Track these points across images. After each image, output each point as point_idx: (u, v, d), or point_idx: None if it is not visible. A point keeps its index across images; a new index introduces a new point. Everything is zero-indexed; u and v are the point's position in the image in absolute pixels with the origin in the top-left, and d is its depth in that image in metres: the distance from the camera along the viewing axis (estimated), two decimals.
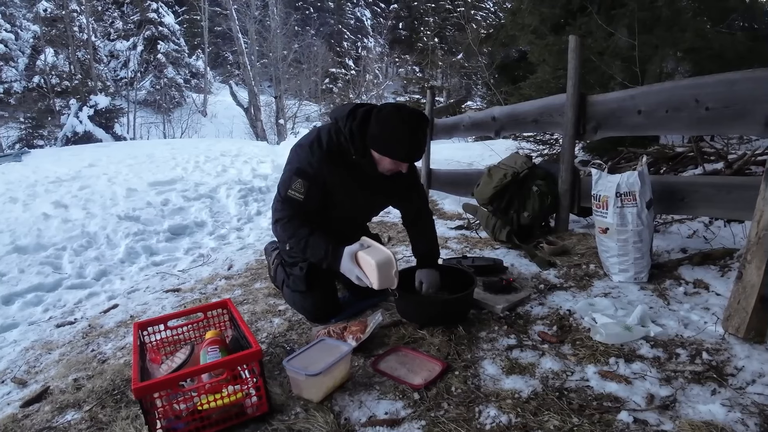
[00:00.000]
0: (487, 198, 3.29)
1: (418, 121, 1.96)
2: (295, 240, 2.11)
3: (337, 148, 2.07)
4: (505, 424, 1.46)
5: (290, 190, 2.08)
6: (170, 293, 3.00)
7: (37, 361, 2.28)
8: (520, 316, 2.19)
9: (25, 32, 23.86)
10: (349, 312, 2.33)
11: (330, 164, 2.07)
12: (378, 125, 1.95)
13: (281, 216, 2.14)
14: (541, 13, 5.36)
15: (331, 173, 2.08)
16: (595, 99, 3.09)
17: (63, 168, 8.07)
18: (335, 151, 2.07)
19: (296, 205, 2.09)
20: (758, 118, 2.11)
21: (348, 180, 2.12)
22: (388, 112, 1.96)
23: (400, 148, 1.97)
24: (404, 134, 1.94)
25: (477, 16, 27.90)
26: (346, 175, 2.11)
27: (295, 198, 2.08)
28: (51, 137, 20.74)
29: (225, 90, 28.00)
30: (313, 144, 2.09)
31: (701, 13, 4.74)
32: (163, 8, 27.74)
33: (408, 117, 1.95)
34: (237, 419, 1.55)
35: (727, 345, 1.77)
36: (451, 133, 5.31)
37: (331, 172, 2.08)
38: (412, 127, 1.94)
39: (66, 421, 1.71)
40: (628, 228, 2.37)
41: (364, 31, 37.74)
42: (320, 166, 2.06)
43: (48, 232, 4.52)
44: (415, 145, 1.98)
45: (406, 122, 1.93)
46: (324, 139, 2.09)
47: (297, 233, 2.10)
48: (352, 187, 2.14)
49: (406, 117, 1.94)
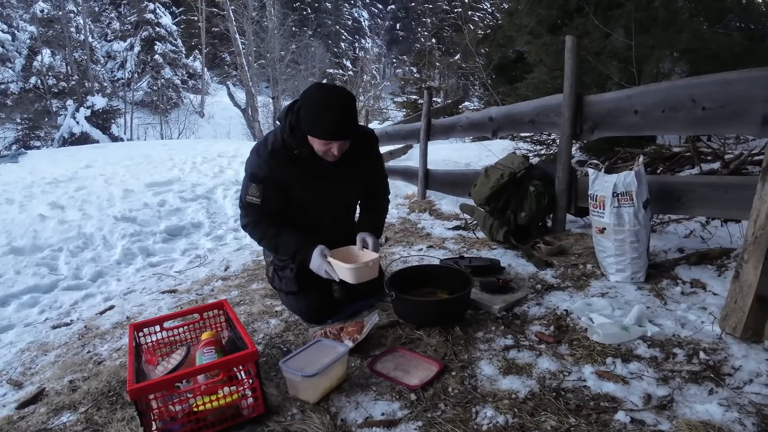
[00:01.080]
0: (485, 198, 3.29)
1: (338, 96, 1.93)
2: (266, 241, 2.19)
3: (281, 145, 2.08)
4: (502, 425, 1.46)
5: (248, 195, 2.13)
6: (167, 294, 2.99)
7: (33, 363, 2.27)
8: (517, 316, 2.19)
9: (21, 33, 23.81)
10: (346, 313, 2.32)
11: (277, 162, 2.08)
12: (302, 108, 1.96)
13: (246, 222, 2.19)
14: (538, 13, 5.36)
15: (280, 171, 2.09)
16: (592, 99, 3.09)
17: (59, 169, 8.05)
18: (279, 148, 2.08)
19: (257, 209, 2.14)
20: (755, 118, 2.11)
21: (300, 174, 2.12)
22: (308, 93, 1.97)
23: (322, 126, 1.93)
24: (324, 110, 1.91)
25: (474, 17, 27.93)
26: (296, 170, 2.11)
27: (253, 202, 2.12)
28: (48, 138, 20.70)
29: (222, 91, 27.99)
30: (260, 147, 2.13)
31: (698, 14, 4.75)
32: (160, 9, 27.72)
33: (326, 93, 1.94)
34: (233, 420, 1.55)
35: (724, 344, 1.77)
36: (449, 133, 5.30)
37: (280, 170, 2.09)
38: (332, 102, 1.91)
39: (61, 422, 1.70)
40: (625, 228, 2.37)
41: (361, 31, 37.80)
42: (268, 166, 2.08)
43: (44, 234, 4.51)
44: (335, 120, 1.92)
45: (325, 98, 1.92)
46: (270, 140, 2.12)
47: (266, 234, 2.17)
48: (306, 180, 2.14)
49: (323, 93, 1.94)
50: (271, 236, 2.15)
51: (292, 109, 2.04)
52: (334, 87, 2.00)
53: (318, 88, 1.97)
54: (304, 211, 2.23)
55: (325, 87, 1.99)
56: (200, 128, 25.32)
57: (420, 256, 3.16)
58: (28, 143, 19.84)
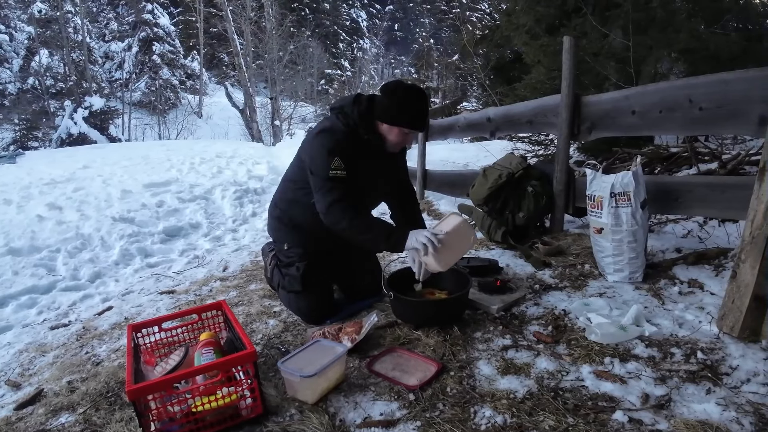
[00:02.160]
0: (483, 199, 3.29)
1: (421, 91, 2.12)
2: (359, 221, 2.07)
3: (349, 130, 2.15)
4: (501, 425, 1.46)
5: (332, 170, 2.05)
6: (165, 295, 2.99)
7: (31, 364, 2.27)
8: (516, 316, 2.19)
9: (19, 33, 23.78)
10: (345, 313, 2.33)
11: (350, 143, 2.14)
12: (386, 97, 2.10)
13: (336, 197, 2.05)
14: (536, 13, 5.36)
15: (352, 151, 2.13)
16: (590, 99, 3.10)
17: (57, 170, 8.02)
18: (348, 133, 2.15)
19: (344, 183, 2.07)
20: (752, 118, 2.11)
21: (364, 159, 2.18)
22: (393, 85, 2.14)
23: (409, 115, 2.10)
24: (411, 101, 2.09)
25: (472, 18, 27.93)
26: (361, 154, 2.17)
27: (338, 176, 2.06)
28: (45, 139, 20.65)
29: (220, 91, 27.93)
30: (327, 130, 2.16)
31: (695, 14, 4.74)
32: (158, 9, 27.69)
33: (411, 87, 2.13)
34: (231, 421, 1.55)
35: (721, 344, 1.77)
36: (447, 134, 5.31)
37: (352, 150, 2.13)
38: (418, 95, 2.10)
39: (60, 423, 1.70)
40: (622, 228, 2.37)
41: (359, 32, 37.79)
42: (344, 143, 2.12)
43: (42, 234, 4.50)
44: (422, 111, 2.12)
45: (412, 91, 2.10)
46: (334, 126, 2.17)
47: (359, 213, 2.09)
48: (368, 165, 2.20)
49: (410, 87, 2.12)
50: (365, 216, 2.13)
51: (359, 101, 2.15)
52: (414, 84, 2.20)
53: (402, 83, 2.15)
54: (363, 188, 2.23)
55: (408, 84, 2.16)
56: (198, 129, 25.29)
57: None
58: (25, 144, 19.78)
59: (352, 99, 2.18)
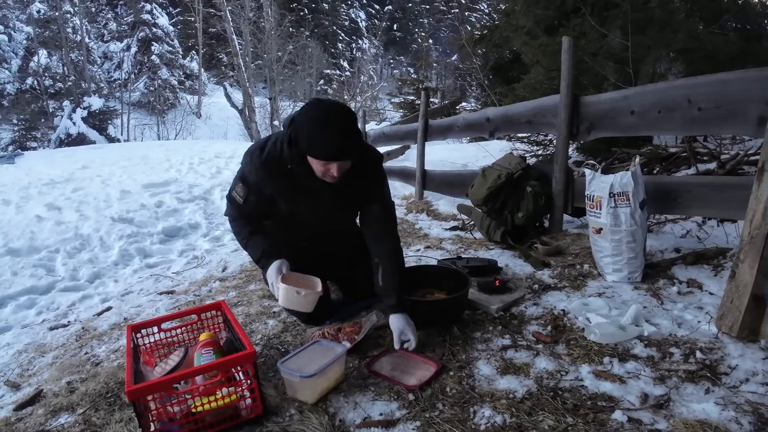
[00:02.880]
0: (482, 199, 3.30)
1: (338, 114, 1.79)
2: (240, 238, 2.17)
3: (277, 155, 1.96)
4: (500, 425, 1.46)
5: (233, 191, 2.12)
6: (164, 295, 2.99)
7: (31, 364, 2.27)
8: (515, 316, 2.19)
9: (18, 34, 23.77)
10: (344, 313, 2.33)
11: (267, 173, 1.99)
12: (299, 125, 1.81)
13: (229, 214, 2.19)
14: (535, 14, 5.36)
15: (269, 183, 2.02)
16: (589, 100, 3.10)
17: (56, 170, 8.02)
18: (273, 159, 1.96)
19: (237, 207, 2.13)
20: (750, 118, 2.11)
21: (290, 189, 2.04)
22: (305, 109, 1.84)
23: (320, 145, 1.79)
24: (323, 129, 1.77)
25: (471, 18, 27.93)
26: (287, 185, 2.01)
27: (236, 200, 2.11)
28: (44, 139, 20.67)
29: (219, 91, 27.97)
30: (255, 151, 2.03)
31: (694, 14, 4.76)
32: (157, 9, 27.71)
33: (325, 110, 1.80)
34: (231, 421, 1.55)
35: (720, 344, 1.78)
36: (446, 134, 5.31)
37: (269, 181, 2.01)
38: (331, 120, 1.77)
39: (59, 424, 1.70)
40: (621, 228, 2.38)
41: (358, 32, 37.79)
42: (257, 175, 2.02)
43: (41, 235, 4.50)
44: (335, 140, 1.78)
45: (324, 116, 1.78)
46: (268, 146, 2.00)
47: (241, 232, 2.16)
48: (296, 196, 2.07)
49: (322, 110, 1.80)
50: (245, 235, 2.14)
51: (292, 123, 1.89)
52: (334, 103, 1.85)
53: (316, 104, 1.83)
54: (296, 222, 2.19)
55: (324, 103, 1.84)
56: (197, 129, 25.31)
57: (418, 257, 3.16)
58: (24, 144, 19.80)
59: (290, 118, 1.91)
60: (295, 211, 2.13)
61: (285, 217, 2.17)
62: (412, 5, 38.58)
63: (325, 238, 2.28)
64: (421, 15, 37.94)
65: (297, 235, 2.23)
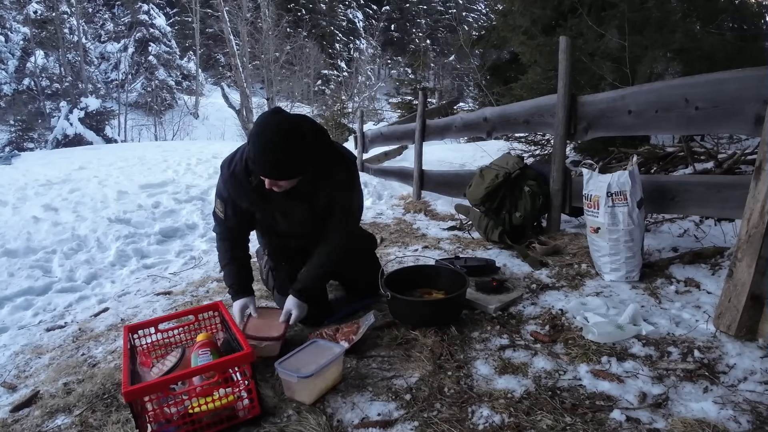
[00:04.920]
0: (479, 199, 3.30)
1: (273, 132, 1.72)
2: (220, 262, 2.20)
3: (243, 167, 1.95)
4: (498, 424, 1.46)
5: (216, 207, 2.13)
6: (161, 296, 2.98)
7: (27, 366, 2.26)
8: (513, 316, 2.19)
9: (15, 34, 23.69)
10: (342, 313, 2.32)
11: (235, 187, 2.01)
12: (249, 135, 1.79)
13: (216, 231, 2.20)
14: (533, 14, 5.37)
15: (239, 196, 2.03)
16: (586, 99, 3.10)
17: (53, 171, 7.99)
18: (240, 171, 1.97)
19: (221, 222, 2.14)
20: (747, 117, 2.12)
21: (260, 201, 2.03)
22: (256, 120, 1.80)
23: (252, 158, 1.78)
24: (255, 142, 1.74)
25: (468, 18, 27.99)
26: (254, 196, 2.01)
27: (218, 215, 2.12)
28: (41, 140, 20.60)
29: (217, 92, 27.94)
30: (225, 165, 2.03)
31: (691, 14, 4.76)
32: (154, 10, 27.69)
33: (263, 126, 1.74)
34: (228, 422, 1.54)
35: (718, 343, 1.78)
36: (443, 134, 5.32)
37: (238, 194, 2.03)
38: (259, 137, 1.72)
39: (56, 425, 1.69)
40: (619, 227, 2.38)
41: (356, 32, 37.78)
42: (226, 189, 2.04)
43: (38, 236, 4.48)
44: (260, 156, 1.73)
45: (255, 132, 1.74)
46: (235, 160, 1.99)
47: (221, 258, 2.18)
48: (268, 207, 2.07)
49: (259, 128, 1.74)
50: (223, 263, 2.17)
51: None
52: (276, 120, 1.75)
53: (263, 115, 1.79)
54: (277, 229, 2.22)
55: (267, 118, 1.77)
56: (195, 129, 25.27)
57: (415, 257, 3.16)
58: (21, 145, 19.73)
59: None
60: (271, 221, 2.16)
61: (265, 226, 2.20)
62: (410, 6, 38.59)
63: (312, 239, 2.24)
64: (419, 15, 37.93)
65: (283, 238, 2.27)
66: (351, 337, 1.97)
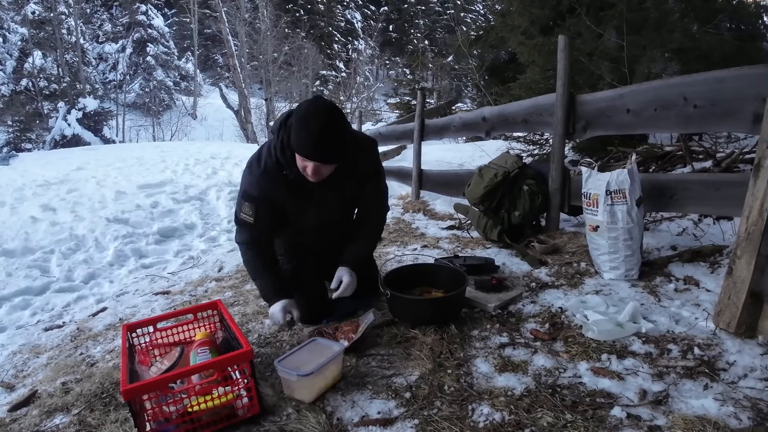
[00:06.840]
0: (478, 198, 3.30)
1: (325, 113, 1.80)
2: (249, 269, 2.17)
3: (274, 163, 1.99)
4: (498, 422, 1.46)
5: (242, 213, 2.08)
6: (160, 296, 2.97)
7: (25, 365, 2.25)
8: (512, 314, 2.19)
9: (12, 35, 23.61)
10: (341, 312, 2.31)
11: (269, 183, 2.01)
12: (293, 119, 1.85)
13: (240, 240, 2.14)
14: (531, 14, 5.37)
15: (275, 192, 2.03)
16: (585, 98, 3.10)
17: (51, 171, 7.98)
18: (272, 167, 1.99)
19: (250, 228, 2.09)
20: (746, 116, 2.12)
21: (289, 195, 2.05)
22: (299, 105, 1.87)
23: (301, 139, 1.81)
24: (309, 123, 1.79)
25: (467, 18, 28.01)
26: (286, 190, 2.03)
27: (247, 221, 2.07)
28: (39, 140, 20.55)
29: (215, 92, 27.91)
30: (253, 164, 2.05)
31: (689, 14, 4.76)
32: (152, 11, 27.66)
33: (315, 107, 1.82)
34: (228, 421, 1.54)
35: (718, 340, 1.78)
36: (442, 134, 5.32)
37: (274, 190, 2.02)
38: (318, 117, 1.79)
39: (54, 425, 1.68)
40: (618, 225, 2.38)
41: (354, 33, 37.75)
42: (260, 186, 2.02)
43: (36, 236, 4.47)
44: (315, 136, 1.78)
45: (313, 111, 1.80)
46: (264, 155, 2.02)
47: (252, 269, 2.15)
48: (300, 199, 2.08)
49: (313, 106, 1.82)
50: (256, 273, 2.14)
51: (285, 123, 1.92)
52: (326, 104, 1.85)
53: (310, 101, 1.86)
54: (303, 223, 2.21)
55: (317, 101, 1.85)
56: (193, 130, 25.25)
57: (415, 256, 3.16)
58: (19, 146, 19.68)
59: (280, 121, 1.95)
60: (302, 214, 2.15)
61: (293, 220, 2.18)
62: (408, 6, 38.57)
63: (330, 235, 2.29)
64: (417, 16, 37.96)
65: (303, 234, 2.26)
66: (351, 336, 1.97)
